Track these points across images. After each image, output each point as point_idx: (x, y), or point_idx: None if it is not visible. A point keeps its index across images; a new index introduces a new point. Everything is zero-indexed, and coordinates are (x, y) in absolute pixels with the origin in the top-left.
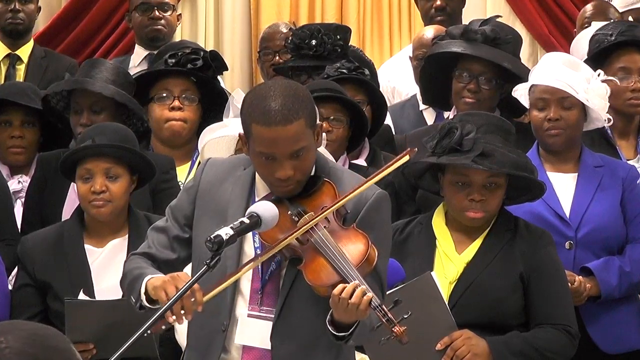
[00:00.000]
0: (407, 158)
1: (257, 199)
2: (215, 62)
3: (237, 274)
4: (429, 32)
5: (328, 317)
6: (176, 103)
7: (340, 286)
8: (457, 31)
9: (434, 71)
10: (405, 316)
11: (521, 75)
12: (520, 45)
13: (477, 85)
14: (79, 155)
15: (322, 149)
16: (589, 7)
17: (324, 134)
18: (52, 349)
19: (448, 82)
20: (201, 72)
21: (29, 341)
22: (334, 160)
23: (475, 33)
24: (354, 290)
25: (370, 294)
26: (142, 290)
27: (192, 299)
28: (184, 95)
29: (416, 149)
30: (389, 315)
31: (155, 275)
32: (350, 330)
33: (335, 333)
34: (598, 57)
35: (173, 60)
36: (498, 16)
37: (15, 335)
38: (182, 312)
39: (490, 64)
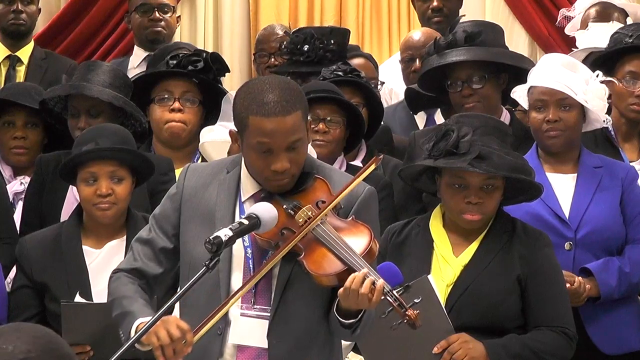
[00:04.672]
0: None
1: (243, 200)
2: (216, 64)
3: (229, 302)
4: (416, 34)
5: (334, 306)
6: (176, 105)
7: (351, 277)
8: (442, 42)
9: (429, 89)
10: (417, 301)
11: (506, 60)
12: (498, 31)
13: (470, 88)
14: (83, 159)
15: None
16: (592, 12)
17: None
18: (53, 352)
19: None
20: (202, 74)
21: (39, 346)
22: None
23: (453, 40)
24: (363, 280)
25: (381, 281)
26: (133, 332)
27: (184, 341)
28: (184, 97)
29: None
30: (400, 300)
31: (145, 319)
32: (359, 317)
33: (343, 321)
34: (612, 57)
35: (174, 62)
36: (462, 16)
37: (25, 339)
38: (174, 354)
39: (472, 63)
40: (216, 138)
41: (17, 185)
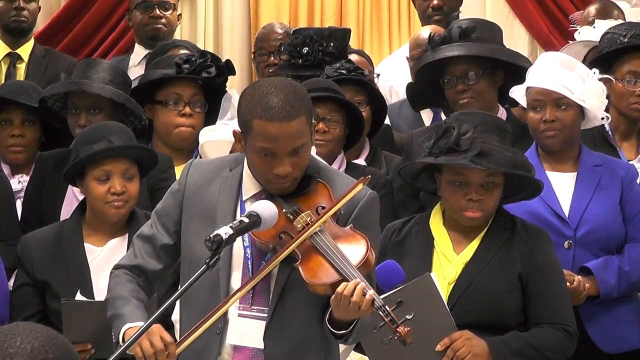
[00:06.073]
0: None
1: (244, 199)
2: (228, 71)
3: (222, 307)
4: (425, 32)
5: (327, 315)
6: (187, 110)
7: (343, 284)
8: (436, 38)
9: (425, 85)
10: (409, 317)
11: (499, 56)
12: (496, 29)
13: (464, 84)
14: (98, 157)
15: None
16: (592, 10)
17: None
18: (68, 353)
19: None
20: (213, 79)
21: (55, 347)
22: (324, 162)
23: (448, 36)
24: (354, 289)
25: (371, 292)
26: (120, 337)
27: (166, 353)
28: (193, 101)
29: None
30: (392, 315)
31: (133, 324)
32: (350, 328)
33: (334, 331)
34: (609, 57)
35: (188, 66)
36: (458, 13)
37: (42, 340)
38: None
39: (468, 59)
40: (220, 137)
41: (15, 184)
